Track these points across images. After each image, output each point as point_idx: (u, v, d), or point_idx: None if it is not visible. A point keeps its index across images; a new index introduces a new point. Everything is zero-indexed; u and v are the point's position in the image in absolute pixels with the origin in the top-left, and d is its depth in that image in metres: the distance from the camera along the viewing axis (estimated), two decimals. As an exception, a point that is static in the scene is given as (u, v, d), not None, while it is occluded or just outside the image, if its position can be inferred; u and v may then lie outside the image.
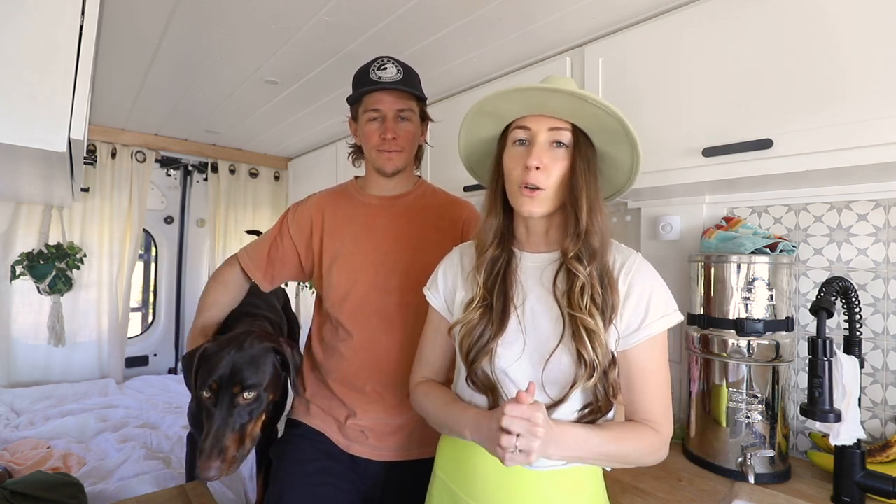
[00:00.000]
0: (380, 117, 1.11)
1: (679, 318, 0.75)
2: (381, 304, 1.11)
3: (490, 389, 0.78)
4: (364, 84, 1.10)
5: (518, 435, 0.63)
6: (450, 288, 0.89)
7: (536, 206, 0.75)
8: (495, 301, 0.79)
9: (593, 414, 0.75)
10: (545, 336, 0.76)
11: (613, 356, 0.75)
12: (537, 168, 0.74)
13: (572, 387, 0.73)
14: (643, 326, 0.74)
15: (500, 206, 0.82)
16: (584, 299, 0.72)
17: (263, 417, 1.01)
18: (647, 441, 0.74)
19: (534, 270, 0.81)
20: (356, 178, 1.25)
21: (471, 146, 0.90)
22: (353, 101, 1.15)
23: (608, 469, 0.83)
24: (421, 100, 1.16)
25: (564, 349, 0.74)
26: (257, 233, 2.43)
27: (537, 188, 0.74)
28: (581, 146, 0.76)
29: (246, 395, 0.96)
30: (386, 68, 1.10)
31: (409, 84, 1.11)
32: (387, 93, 1.09)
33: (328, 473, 1.08)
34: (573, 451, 0.70)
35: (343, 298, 1.13)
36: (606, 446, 0.71)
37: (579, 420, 0.75)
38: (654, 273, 0.78)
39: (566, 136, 0.76)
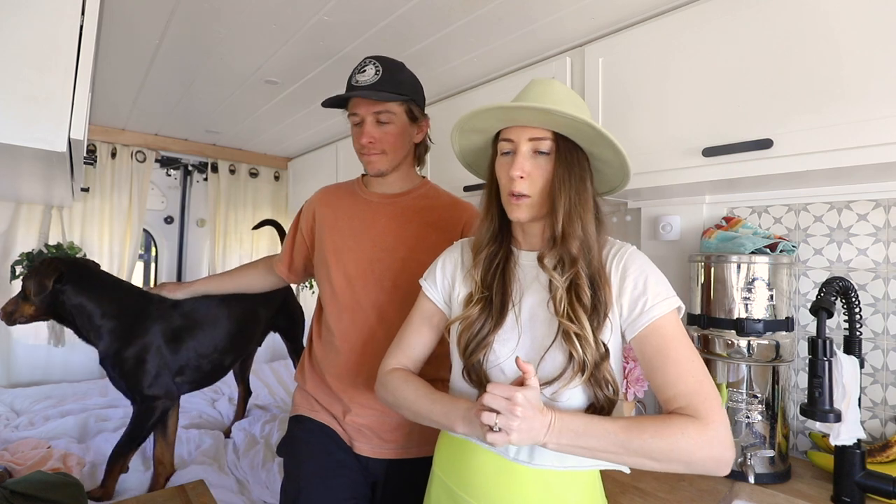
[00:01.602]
0: (360, 121, 1.10)
1: (680, 302, 0.74)
2: (378, 300, 1.11)
3: (484, 383, 0.79)
4: (347, 88, 1.10)
5: (498, 413, 0.64)
6: (448, 280, 0.90)
7: (523, 212, 0.78)
8: (494, 296, 0.80)
9: (596, 413, 0.75)
10: (541, 333, 0.77)
11: (606, 348, 0.75)
12: (521, 177, 0.76)
13: (558, 379, 0.73)
14: (647, 310, 0.73)
15: (495, 210, 0.85)
16: (563, 305, 0.73)
17: (29, 308, 1.58)
18: (676, 430, 0.65)
19: (531, 268, 0.82)
20: (363, 175, 1.25)
21: (466, 154, 0.92)
22: (333, 107, 1.13)
23: (624, 470, 0.80)
24: (406, 100, 1.10)
25: (558, 347, 0.75)
26: (272, 223, 2.46)
27: (524, 196, 0.77)
28: (563, 152, 0.77)
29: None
30: (364, 71, 1.08)
31: (384, 87, 1.06)
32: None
33: (343, 465, 1.09)
34: (571, 438, 0.66)
35: (340, 293, 1.14)
36: (614, 435, 0.66)
37: None
38: (647, 260, 0.78)
39: (546, 145, 0.77)
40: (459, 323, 0.82)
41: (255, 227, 2.49)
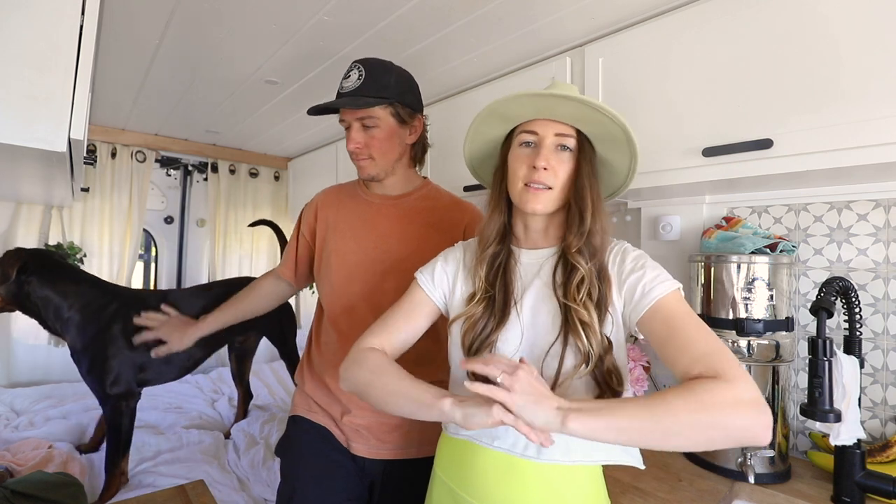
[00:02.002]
0: (348, 126, 1.11)
1: (679, 283, 0.74)
2: (379, 302, 1.10)
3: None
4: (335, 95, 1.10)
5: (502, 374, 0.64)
6: (449, 278, 0.90)
7: (541, 204, 0.79)
8: (497, 294, 0.81)
9: None
10: (544, 330, 0.78)
11: (609, 341, 0.75)
12: (545, 169, 0.78)
13: (564, 372, 0.74)
14: (647, 292, 0.73)
15: (503, 205, 0.86)
16: (581, 291, 0.74)
17: None
18: (699, 387, 0.60)
19: (532, 266, 0.83)
20: None
21: (476, 146, 0.92)
22: (319, 114, 1.13)
23: (636, 465, 0.80)
24: (391, 103, 1.08)
25: (562, 342, 0.75)
26: (269, 223, 2.47)
27: (545, 187, 0.78)
28: (585, 150, 0.80)
29: None
30: (349, 76, 1.08)
31: (366, 92, 1.05)
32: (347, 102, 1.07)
33: (338, 466, 1.09)
34: (593, 414, 0.60)
35: (340, 294, 1.14)
36: (636, 405, 0.61)
37: None
38: (641, 252, 0.80)
39: (571, 141, 0.80)
40: (463, 321, 0.82)
41: (251, 225, 2.56)
